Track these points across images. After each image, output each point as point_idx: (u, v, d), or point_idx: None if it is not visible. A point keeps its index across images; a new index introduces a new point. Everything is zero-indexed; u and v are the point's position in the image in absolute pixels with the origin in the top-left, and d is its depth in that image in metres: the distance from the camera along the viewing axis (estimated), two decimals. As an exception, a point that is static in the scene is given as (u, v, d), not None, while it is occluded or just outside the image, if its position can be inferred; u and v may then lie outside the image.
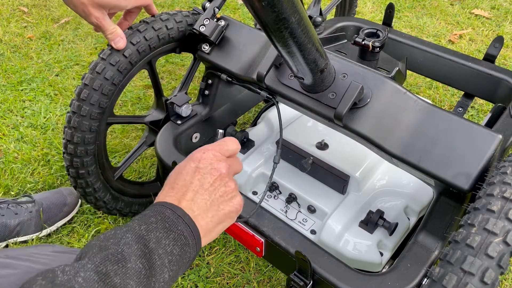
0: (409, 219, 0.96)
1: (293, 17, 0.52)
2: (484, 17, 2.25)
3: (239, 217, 0.84)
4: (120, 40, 0.93)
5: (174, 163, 0.89)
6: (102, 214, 1.27)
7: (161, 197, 0.60)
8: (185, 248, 0.54)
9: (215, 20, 1.00)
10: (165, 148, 1.00)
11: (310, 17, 1.18)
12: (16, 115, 1.60)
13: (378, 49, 1.01)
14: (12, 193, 1.32)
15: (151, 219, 0.55)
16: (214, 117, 1.14)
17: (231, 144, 0.66)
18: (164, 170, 0.99)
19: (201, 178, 0.61)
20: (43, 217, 1.20)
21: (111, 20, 0.92)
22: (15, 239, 1.17)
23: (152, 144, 1.13)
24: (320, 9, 1.21)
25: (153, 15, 0.99)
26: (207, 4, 1.00)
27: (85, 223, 1.26)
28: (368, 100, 0.80)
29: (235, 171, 0.67)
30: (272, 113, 1.20)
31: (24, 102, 1.67)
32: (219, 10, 1.00)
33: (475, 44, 2.04)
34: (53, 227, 1.22)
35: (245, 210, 0.84)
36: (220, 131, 0.83)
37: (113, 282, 0.46)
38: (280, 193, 1.05)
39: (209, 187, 0.61)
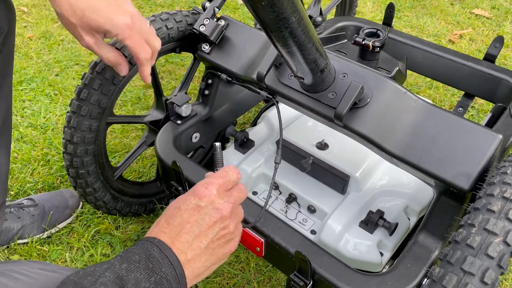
0: (409, 219, 0.96)
1: (293, 17, 0.52)
2: (484, 17, 2.25)
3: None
4: (121, 69, 0.82)
5: (174, 163, 0.89)
6: (102, 214, 1.27)
7: (155, 230, 0.57)
8: None
9: (215, 19, 1.00)
10: (165, 148, 1.00)
11: (310, 16, 1.18)
12: (16, 115, 1.60)
13: (378, 49, 1.01)
14: (12, 192, 1.32)
15: (135, 257, 0.52)
16: (214, 117, 1.14)
17: (232, 174, 0.64)
18: (164, 170, 0.98)
19: (200, 218, 0.58)
20: (45, 220, 1.20)
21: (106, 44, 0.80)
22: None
23: (152, 144, 1.13)
24: (320, 9, 1.21)
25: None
26: (207, 4, 1.00)
27: (85, 223, 1.26)
28: (368, 100, 0.80)
29: (239, 202, 0.64)
30: (272, 113, 1.20)
31: (24, 102, 1.66)
32: (219, 9, 1.00)
33: (475, 44, 2.04)
34: (53, 230, 1.22)
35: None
36: (217, 144, 0.76)
37: None
38: (280, 193, 1.05)
39: (207, 229, 0.58)
